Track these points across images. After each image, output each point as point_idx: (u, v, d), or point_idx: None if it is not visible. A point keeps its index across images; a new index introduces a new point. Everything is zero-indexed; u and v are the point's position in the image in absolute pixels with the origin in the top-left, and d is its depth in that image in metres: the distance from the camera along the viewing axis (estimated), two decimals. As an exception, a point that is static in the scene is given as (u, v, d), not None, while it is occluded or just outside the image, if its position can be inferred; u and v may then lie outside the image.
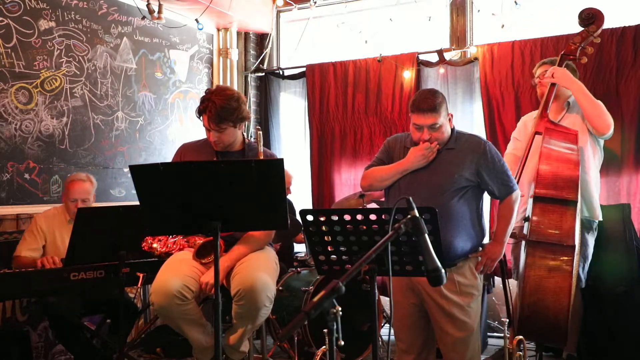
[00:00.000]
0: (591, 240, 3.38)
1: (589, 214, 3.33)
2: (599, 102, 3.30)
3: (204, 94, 2.81)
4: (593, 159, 3.36)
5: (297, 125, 5.45)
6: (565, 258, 2.96)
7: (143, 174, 2.28)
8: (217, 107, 2.70)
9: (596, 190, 3.38)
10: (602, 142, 3.42)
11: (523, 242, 3.14)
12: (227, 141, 2.82)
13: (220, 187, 2.25)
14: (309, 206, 5.14)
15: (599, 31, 3.35)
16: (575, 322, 3.40)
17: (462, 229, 2.61)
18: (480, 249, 2.74)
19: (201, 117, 2.79)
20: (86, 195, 3.51)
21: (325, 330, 1.64)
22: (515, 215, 2.74)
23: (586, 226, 3.34)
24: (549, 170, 3.06)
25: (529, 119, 3.56)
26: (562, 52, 3.41)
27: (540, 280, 3.00)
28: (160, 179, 2.27)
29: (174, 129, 4.92)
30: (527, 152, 3.34)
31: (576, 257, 3.13)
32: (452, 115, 2.71)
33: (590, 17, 3.35)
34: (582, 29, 3.38)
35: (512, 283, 3.46)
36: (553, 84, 3.33)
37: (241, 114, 2.78)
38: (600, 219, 3.37)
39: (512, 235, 3.02)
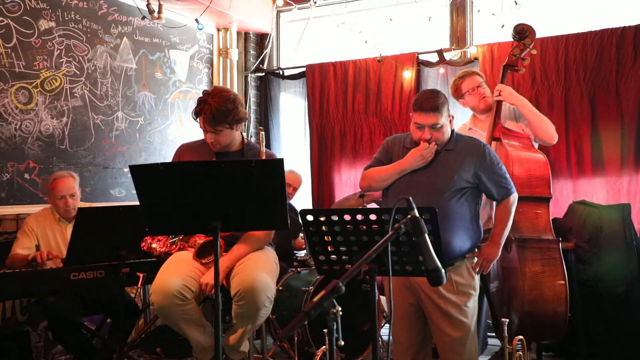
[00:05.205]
0: None
1: None
2: (543, 115, 3.46)
3: (201, 95, 2.81)
4: None
5: (297, 125, 5.45)
6: (553, 250, 3.12)
7: (143, 174, 2.28)
8: (213, 109, 2.69)
9: None
10: (536, 145, 3.54)
11: None
12: (224, 142, 2.82)
13: (220, 187, 2.25)
14: (309, 206, 5.13)
15: (533, 43, 3.49)
16: None
17: (460, 229, 2.62)
18: (476, 249, 2.75)
19: (197, 119, 2.79)
20: (72, 190, 3.50)
21: (325, 330, 1.64)
22: (512, 217, 2.76)
23: None
24: (523, 171, 3.20)
25: (463, 130, 3.60)
26: (504, 64, 3.54)
27: (536, 275, 3.06)
28: (160, 179, 2.27)
29: (174, 129, 4.91)
30: None
31: None
32: (453, 117, 2.72)
33: (524, 31, 3.49)
34: (518, 42, 3.50)
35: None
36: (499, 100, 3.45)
37: (237, 116, 2.77)
38: None
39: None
